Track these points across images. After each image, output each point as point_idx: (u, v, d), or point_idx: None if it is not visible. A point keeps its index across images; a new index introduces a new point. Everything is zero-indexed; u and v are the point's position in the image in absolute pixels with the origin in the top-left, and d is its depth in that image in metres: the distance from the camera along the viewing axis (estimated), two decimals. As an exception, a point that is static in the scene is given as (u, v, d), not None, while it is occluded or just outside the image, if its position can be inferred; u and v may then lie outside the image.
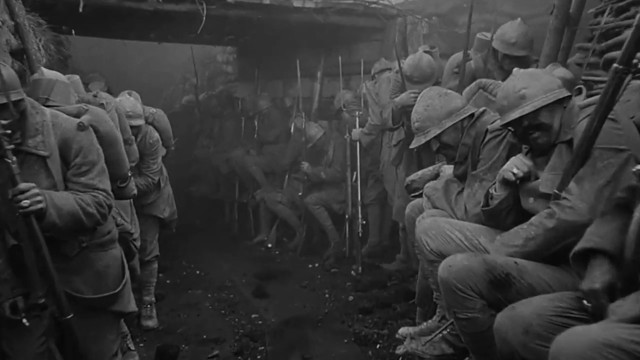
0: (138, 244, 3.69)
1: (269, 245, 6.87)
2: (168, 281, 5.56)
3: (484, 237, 2.52)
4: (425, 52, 4.60)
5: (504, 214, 2.43)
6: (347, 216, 6.03)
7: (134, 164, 3.78)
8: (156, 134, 4.21)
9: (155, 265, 4.53)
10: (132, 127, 3.81)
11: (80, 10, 5.12)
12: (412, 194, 3.28)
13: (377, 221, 6.15)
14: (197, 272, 5.97)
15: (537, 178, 2.33)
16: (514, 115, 2.30)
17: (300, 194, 6.48)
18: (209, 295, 5.18)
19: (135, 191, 3.12)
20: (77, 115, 2.57)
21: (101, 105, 3.28)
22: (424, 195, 2.99)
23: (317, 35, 7.00)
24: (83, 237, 2.50)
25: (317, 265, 6.09)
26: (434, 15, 6.78)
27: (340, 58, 6.20)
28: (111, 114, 3.26)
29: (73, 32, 6.68)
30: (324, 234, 6.42)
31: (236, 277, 5.68)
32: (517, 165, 2.34)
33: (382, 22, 6.54)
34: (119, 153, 2.79)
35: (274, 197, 6.72)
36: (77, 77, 3.51)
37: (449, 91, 2.88)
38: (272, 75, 8.31)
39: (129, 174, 2.94)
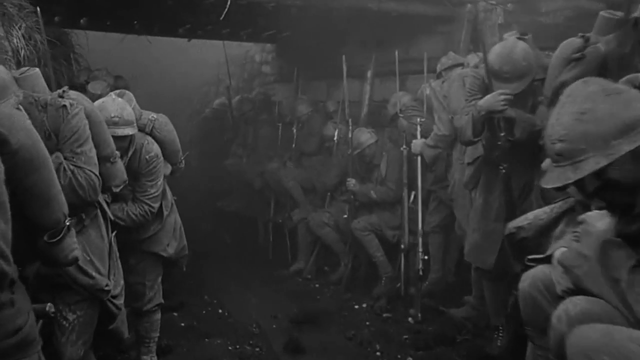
0: (120, 301, 2.66)
1: (308, 277, 5.81)
2: (182, 324, 4.55)
3: None
4: (518, 39, 3.42)
5: None
6: (402, 246, 4.90)
7: (117, 189, 2.76)
8: (155, 147, 3.20)
9: (158, 316, 3.52)
10: (117, 137, 2.81)
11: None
12: (528, 260, 2.05)
13: (440, 253, 5.02)
14: (220, 310, 4.93)
15: None
16: None
17: (345, 216, 5.39)
18: (230, 348, 4.12)
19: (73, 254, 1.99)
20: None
21: (63, 107, 2.29)
22: (554, 262, 1.83)
23: (368, 27, 6.01)
24: None
25: (364, 305, 4.97)
26: (509, 2, 5.59)
27: (397, 54, 5.06)
28: (76, 120, 2.27)
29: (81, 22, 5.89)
30: (373, 266, 5.29)
31: (265, 321, 4.62)
32: None
33: (448, 9, 5.45)
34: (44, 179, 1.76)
35: (320, 217, 5.64)
36: (36, 70, 2.52)
37: (622, 87, 1.67)
38: (314, 76, 7.36)
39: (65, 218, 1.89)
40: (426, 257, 4.56)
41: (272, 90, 8.48)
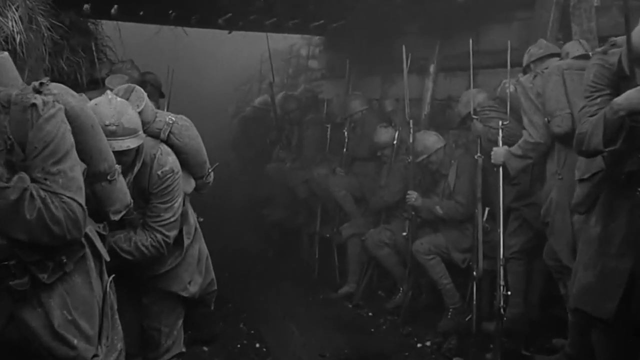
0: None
1: (360, 303, 5.03)
2: (215, 360, 3.85)
3: None
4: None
5: None
6: (474, 273, 4.06)
7: (117, 216, 2.05)
8: (171, 159, 2.48)
9: (177, 369, 2.79)
10: (117, 153, 2.09)
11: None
12: None
13: (521, 284, 4.15)
14: (257, 345, 4.21)
15: None
16: None
17: (404, 234, 4.59)
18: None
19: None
20: None
21: (32, 107, 1.61)
22: None
23: (430, 14, 5.32)
24: None
25: (429, 344, 4.18)
26: (607, -20, 4.66)
27: (471, 42, 4.21)
28: (50, 126, 1.57)
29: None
30: (438, 294, 4.47)
31: (310, 362, 3.87)
32: None
33: (530, -8, 4.56)
34: None
35: (379, 236, 4.85)
36: (3, 54, 1.83)
37: None
38: (367, 71, 6.64)
39: None
40: (509, 293, 3.69)
41: (320, 87, 7.80)
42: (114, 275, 2.00)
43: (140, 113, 2.36)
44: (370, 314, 4.86)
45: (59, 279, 1.76)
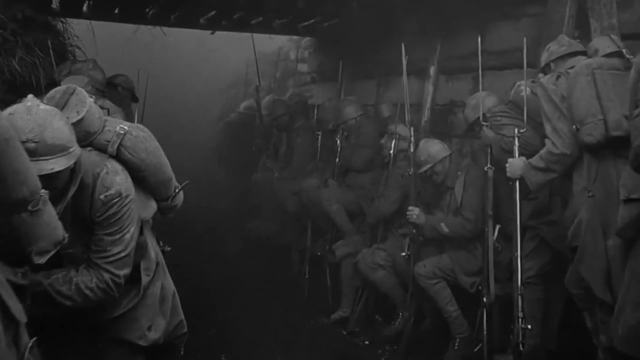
0: None
1: (355, 330, 4.58)
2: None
3: None
4: None
5: None
6: (484, 299, 3.62)
7: (42, 258, 1.55)
8: (119, 180, 1.97)
9: None
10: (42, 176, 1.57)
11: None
12: None
13: (539, 312, 3.68)
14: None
15: None
16: None
17: (404, 254, 4.14)
18: None
19: None
20: None
21: None
22: None
23: (430, 11, 4.93)
24: None
25: (432, 378, 3.70)
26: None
27: (479, 40, 3.76)
28: None
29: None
30: (442, 320, 4.00)
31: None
32: None
33: (541, -16, 4.17)
34: None
35: (373, 257, 4.40)
36: None
37: None
38: (362, 74, 6.27)
39: None
40: (529, 327, 3.22)
41: (310, 91, 7.39)
42: (35, 338, 1.49)
43: (81, 121, 1.86)
44: (366, 342, 4.45)
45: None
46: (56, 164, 1.69)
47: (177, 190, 2.32)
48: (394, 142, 4.57)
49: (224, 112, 8.81)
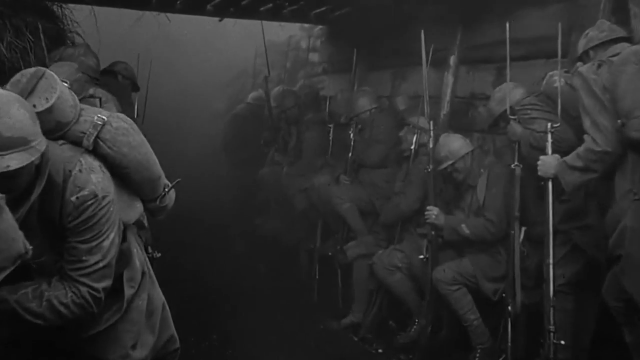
0: None
1: (368, 336, 4.36)
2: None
3: None
4: None
5: None
6: (509, 308, 3.38)
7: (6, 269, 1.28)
8: (95, 178, 1.69)
9: None
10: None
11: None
12: None
13: (569, 324, 3.39)
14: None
15: None
16: None
17: (422, 257, 3.90)
18: None
19: None
20: None
21: None
22: None
23: None
24: None
25: (452, 393, 3.46)
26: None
27: (507, 27, 3.47)
28: None
29: None
30: (462, 329, 3.76)
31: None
32: None
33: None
34: None
35: (390, 259, 4.17)
36: None
37: None
38: (376, 64, 6.06)
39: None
40: (562, 342, 2.94)
41: (322, 82, 7.24)
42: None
43: (50, 110, 1.59)
44: (379, 350, 4.24)
45: None
46: (13, 161, 1.42)
47: (167, 190, 2.04)
48: (415, 136, 4.30)
49: (231, 104, 8.67)
